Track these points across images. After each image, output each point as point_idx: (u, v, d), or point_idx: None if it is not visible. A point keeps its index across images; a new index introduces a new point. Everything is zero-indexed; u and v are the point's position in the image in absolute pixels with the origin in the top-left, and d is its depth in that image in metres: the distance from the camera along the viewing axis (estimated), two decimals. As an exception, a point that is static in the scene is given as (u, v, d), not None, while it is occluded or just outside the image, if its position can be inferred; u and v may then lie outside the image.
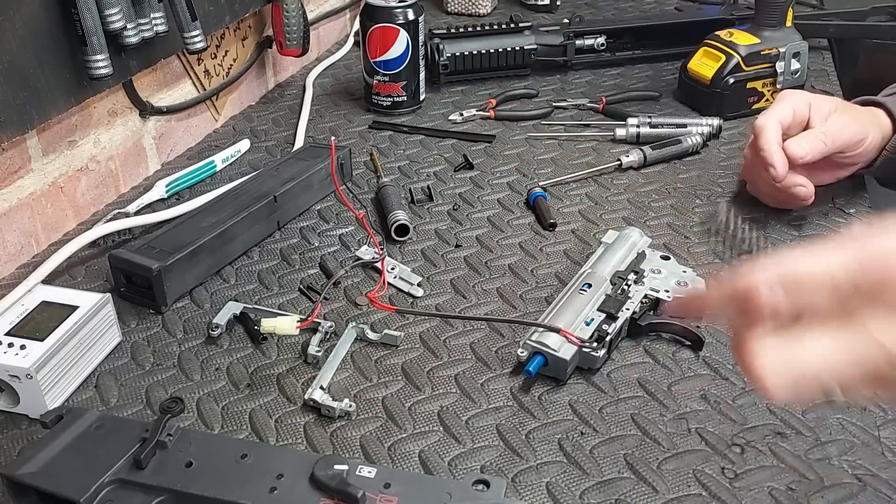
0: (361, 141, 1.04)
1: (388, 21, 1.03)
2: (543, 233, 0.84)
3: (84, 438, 0.54)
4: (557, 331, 0.64)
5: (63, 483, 0.50)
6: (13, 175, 0.77)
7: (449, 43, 1.16)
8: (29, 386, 0.60)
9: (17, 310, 0.65)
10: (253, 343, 0.69)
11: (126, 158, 0.92)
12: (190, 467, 0.52)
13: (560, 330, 0.64)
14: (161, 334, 0.71)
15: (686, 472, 0.57)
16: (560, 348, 0.63)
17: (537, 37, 1.20)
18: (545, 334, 0.64)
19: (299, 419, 0.62)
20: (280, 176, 0.86)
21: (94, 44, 0.75)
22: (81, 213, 0.87)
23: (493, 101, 1.11)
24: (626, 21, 1.34)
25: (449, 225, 0.86)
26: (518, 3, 1.54)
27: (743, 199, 0.88)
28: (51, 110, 0.76)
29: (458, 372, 0.66)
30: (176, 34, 0.86)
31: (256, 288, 0.76)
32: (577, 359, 0.64)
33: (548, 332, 0.64)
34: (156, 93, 0.95)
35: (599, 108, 1.10)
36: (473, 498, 0.50)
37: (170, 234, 0.76)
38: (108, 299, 0.67)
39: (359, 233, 0.85)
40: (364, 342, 0.69)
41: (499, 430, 0.60)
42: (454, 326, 0.71)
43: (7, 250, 0.77)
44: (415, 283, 0.76)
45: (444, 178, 0.95)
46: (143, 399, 0.64)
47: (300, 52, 1.12)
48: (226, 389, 0.65)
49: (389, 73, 1.06)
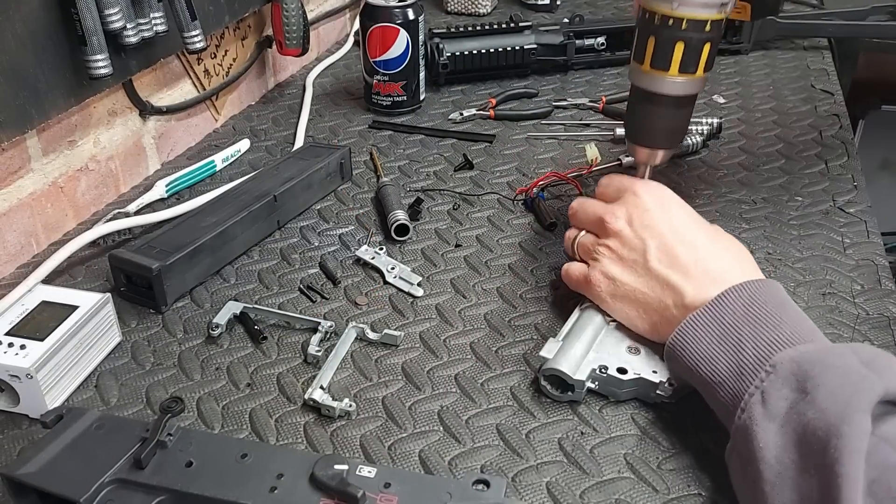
0: (361, 140, 1.04)
1: (388, 21, 1.03)
2: (543, 232, 0.84)
3: (84, 438, 0.54)
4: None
5: (63, 483, 0.50)
6: (13, 175, 0.77)
7: (449, 42, 1.16)
8: (29, 386, 0.60)
9: (17, 309, 0.65)
10: (253, 343, 0.69)
11: (126, 158, 0.92)
12: (190, 467, 0.52)
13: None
14: (161, 334, 0.71)
15: (686, 472, 0.57)
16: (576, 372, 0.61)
17: (537, 36, 1.20)
18: (559, 358, 0.62)
19: (299, 419, 0.62)
20: (280, 175, 0.86)
21: (93, 43, 0.75)
22: (81, 212, 0.87)
23: (493, 100, 1.11)
24: (626, 21, 1.34)
25: (449, 224, 0.86)
26: (518, 2, 1.54)
27: (742, 200, 0.88)
28: (50, 110, 0.76)
29: (458, 372, 0.66)
30: (176, 34, 0.86)
31: (256, 287, 0.76)
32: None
33: (562, 356, 0.62)
34: (156, 92, 0.95)
35: (599, 108, 1.10)
36: (473, 498, 0.50)
37: (170, 233, 0.76)
38: (108, 299, 0.67)
39: (359, 232, 0.85)
40: (364, 342, 0.69)
41: (499, 429, 0.60)
42: (454, 326, 0.71)
43: (7, 250, 0.77)
44: (415, 283, 0.76)
45: (444, 177, 0.95)
46: (144, 399, 0.64)
47: (300, 52, 1.12)
48: (226, 389, 0.65)
49: (389, 73, 1.06)
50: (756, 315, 0.55)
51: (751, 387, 0.51)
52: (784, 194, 0.89)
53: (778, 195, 0.89)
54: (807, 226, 0.83)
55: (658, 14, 0.65)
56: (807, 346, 0.52)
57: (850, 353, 0.50)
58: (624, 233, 0.65)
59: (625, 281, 0.64)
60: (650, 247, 0.63)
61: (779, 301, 0.57)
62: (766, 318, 0.55)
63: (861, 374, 0.47)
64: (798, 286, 0.74)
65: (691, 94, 0.69)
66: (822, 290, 0.74)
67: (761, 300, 0.56)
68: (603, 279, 0.65)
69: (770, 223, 0.84)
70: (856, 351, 0.50)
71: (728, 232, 0.66)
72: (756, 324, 0.54)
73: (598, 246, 0.67)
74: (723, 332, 0.55)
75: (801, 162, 0.96)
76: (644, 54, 0.67)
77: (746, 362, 0.53)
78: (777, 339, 0.53)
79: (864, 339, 0.68)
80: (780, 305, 0.56)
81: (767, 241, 0.81)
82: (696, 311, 0.58)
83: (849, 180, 0.91)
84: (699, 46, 0.66)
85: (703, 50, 0.66)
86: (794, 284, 0.75)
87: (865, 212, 0.85)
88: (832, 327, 0.69)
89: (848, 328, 0.69)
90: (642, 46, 0.68)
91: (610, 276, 0.65)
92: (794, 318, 0.55)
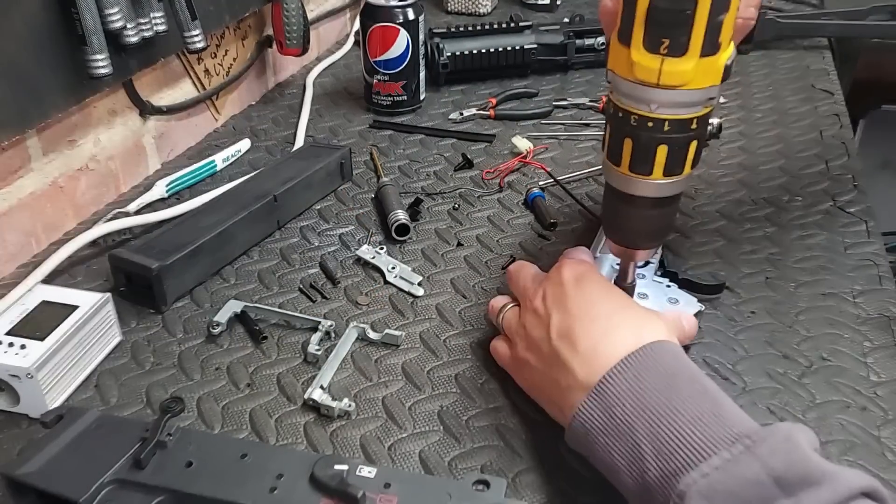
0: (361, 140, 1.04)
1: (388, 20, 1.03)
2: (543, 232, 0.84)
3: (84, 438, 0.54)
4: None
5: (63, 483, 0.50)
6: (13, 174, 0.77)
7: (449, 42, 1.16)
8: (29, 385, 0.60)
9: (18, 309, 0.65)
10: (253, 342, 0.69)
11: (126, 158, 0.92)
12: (190, 467, 0.52)
13: None
14: (161, 334, 0.71)
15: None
16: None
17: (537, 36, 1.20)
18: None
19: (299, 419, 0.62)
20: (280, 175, 0.86)
21: (94, 43, 0.75)
22: (81, 212, 0.87)
23: (493, 100, 1.11)
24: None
25: (449, 224, 0.86)
26: (518, 2, 1.54)
27: (741, 202, 0.88)
28: (51, 110, 0.76)
29: (458, 372, 0.66)
30: (176, 33, 0.86)
31: (256, 287, 0.76)
32: None
33: None
34: (156, 92, 0.95)
35: (600, 108, 1.10)
36: (473, 498, 0.50)
37: (170, 233, 0.76)
38: (108, 299, 0.67)
39: (359, 232, 0.85)
40: (364, 342, 0.69)
41: (499, 430, 0.60)
42: (454, 326, 0.71)
43: (7, 250, 0.77)
44: (415, 283, 0.76)
45: (444, 177, 0.95)
46: (144, 399, 0.64)
47: (300, 52, 1.12)
48: (226, 389, 0.65)
49: (389, 73, 1.06)
50: (646, 401, 0.50)
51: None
52: (784, 194, 0.89)
53: (778, 195, 0.89)
54: (807, 226, 0.83)
55: (634, 115, 0.55)
56: (715, 471, 0.45)
57: (763, 471, 0.43)
58: (539, 311, 0.60)
59: (532, 363, 0.59)
60: (553, 323, 0.58)
61: (669, 371, 0.51)
62: (658, 406, 0.49)
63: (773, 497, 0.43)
64: (798, 286, 0.74)
65: (677, 194, 0.59)
66: (822, 291, 0.74)
67: (649, 379, 0.51)
68: (518, 363, 0.62)
69: (770, 223, 0.84)
70: (767, 467, 0.44)
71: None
72: (649, 415, 0.49)
73: (516, 324, 0.62)
74: (616, 428, 0.50)
75: (800, 162, 0.96)
76: (620, 157, 0.57)
77: (651, 481, 0.47)
78: (677, 447, 0.47)
79: (864, 339, 0.68)
80: (670, 378, 0.51)
81: (768, 241, 0.81)
82: (582, 400, 0.52)
83: (849, 180, 0.91)
84: (685, 146, 0.56)
85: (690, 148, 0.56)
86: (794, 284, 0.75)
87: (865, 212, 0.85)
88: (832, 327, 0.69)
89: (848, 328, 0.69)
90: (617, 148, 0.57)
91: (522, 359, 0.60)
92: (688, 395, 0.49)
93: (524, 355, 0.60)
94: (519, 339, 0.62)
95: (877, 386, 0.63)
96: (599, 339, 0.55)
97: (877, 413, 0.61)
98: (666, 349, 0.53)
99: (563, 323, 0.57)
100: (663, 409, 0.49)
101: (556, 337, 0.57)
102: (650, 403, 0.49)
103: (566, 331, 0.57)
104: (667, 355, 0.53)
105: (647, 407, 0.49)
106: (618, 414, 0.50)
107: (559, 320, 0.58)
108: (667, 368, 0.52)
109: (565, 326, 0.57)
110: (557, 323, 0.58)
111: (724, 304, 0.72)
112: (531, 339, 0.60)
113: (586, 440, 0.52)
